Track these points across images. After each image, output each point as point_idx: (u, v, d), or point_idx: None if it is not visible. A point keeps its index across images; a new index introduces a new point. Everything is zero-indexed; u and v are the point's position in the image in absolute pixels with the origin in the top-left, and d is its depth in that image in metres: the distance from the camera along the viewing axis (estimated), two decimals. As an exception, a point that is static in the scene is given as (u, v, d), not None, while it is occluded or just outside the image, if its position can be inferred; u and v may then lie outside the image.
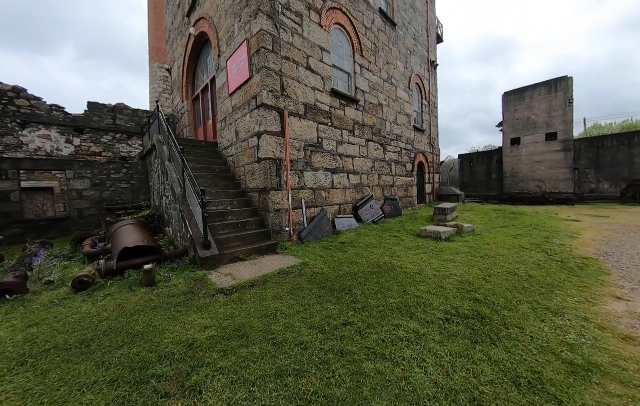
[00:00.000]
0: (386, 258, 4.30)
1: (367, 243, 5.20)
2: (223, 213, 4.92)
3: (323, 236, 5.80)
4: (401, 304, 2.70)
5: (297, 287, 3.25)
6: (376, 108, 8.38)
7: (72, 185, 7.64)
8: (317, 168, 6.14)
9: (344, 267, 3.91)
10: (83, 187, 7.82)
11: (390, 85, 9.15)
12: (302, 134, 5.76)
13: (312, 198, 6.01)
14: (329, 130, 6.49)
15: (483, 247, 4.69)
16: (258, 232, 4.87)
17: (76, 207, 7.55)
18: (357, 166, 7.45)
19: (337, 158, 6.74)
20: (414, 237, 5.76)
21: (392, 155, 9.21)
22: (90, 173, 7.94)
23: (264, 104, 5.01)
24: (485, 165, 17.65)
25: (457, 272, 3.55)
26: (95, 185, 7.99)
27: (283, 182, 5.33)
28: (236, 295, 3.09)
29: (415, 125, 10.92)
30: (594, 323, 2.29)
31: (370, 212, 7.39)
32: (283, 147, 5.33)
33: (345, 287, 3.20)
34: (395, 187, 9.37)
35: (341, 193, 6.85)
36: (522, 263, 3.87)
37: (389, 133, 9.05)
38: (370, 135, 8.08)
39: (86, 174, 7.85)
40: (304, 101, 5.83)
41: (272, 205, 5.12)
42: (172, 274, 3.77)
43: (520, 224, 6.69)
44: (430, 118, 12.47)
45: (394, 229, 6.51)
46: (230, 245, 4.41)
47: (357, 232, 6.11)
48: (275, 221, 5.18)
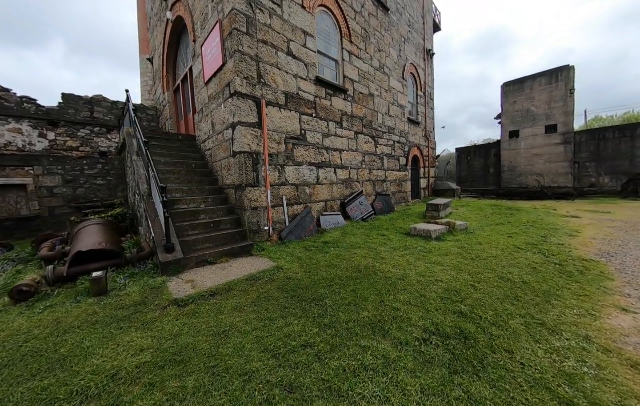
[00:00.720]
0: (369, 260, 3.94)
1: (351, 244, 4.84)
2: (194, 212, 4.54)
3: (306, 235, 5.44)
4: (375, 319, 2.35)
5: (263, 296, 2.89)
6: (367, 98, 7.93)
7: (41, 181, 7.20)
8: (300, 162, 5.74)
9: (321, 271, 3.55)
10: (54, 184, 7.38)
11: (382, 74, 8.68)
12: (282, 126, 5.34)
13: (295, 195, 5.62)
14: (314, 122, 6.06)
15: (475, 247, 4.33)
16: (232, 232, 4.49)
17: (47, 206, 7.13)
18: (345, 160, 7.05)
19: (323, 152, 6.33)
20: (403, 235, 5.39)
21: (384, 149, 8.80)
22: (62, 169, 7.50)
23: (238, 92, 4.58)
24: (483, 159, 17.24)
25: (443, 277, 3.20)
26: (67, 182, 7.55)
27: (261, 177, 4.94)
28: (191, 306, 2.73)
29: (409, 117, 10.47)
30: (597, 344, 1.93)
31: (359, 208, 7.02)
32: (260, 140, 4.91)
33: (316, 296, 2.84)
34: (387, 182, 8.98)
35: (328, 189, 6.46)
36: (517, 266, 3.51)
37: (381, 125, 8.62)
38: (360, 127, 7.65)
39: (57, 170, 7.41)
40: (285, 90, 5.39)
41: (248, 202, 4.73)
42: (129, 281, 3.40)
43: (516, 221, 6.34)
44: (426, 110, 12.01)
45: (383, 227, 6.15)
46: (198, 247, 4.04)
47: (343, 231, 5.74)
48: (253, 220, 4.80)
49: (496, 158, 16.57)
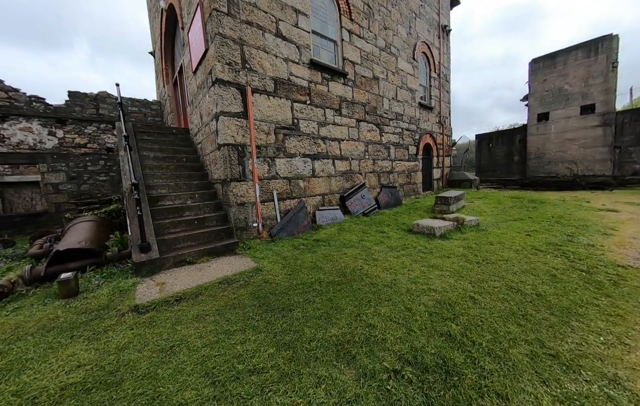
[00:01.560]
0: (359, 262, 3.55)
1: (345, 242, 4.45)
2: (179, 209, 4.37)
3: (299, 232, 5.12)
4: (344, 338, 1.99)
5: (230, 304, 2.63)
6: (370, 82, 7.32)
7: (47, 178, 7.48)
8: (293, 154, 5.37)
9: (302, 274, 3.23)
10: (59, 181, 7.64)
11: (388, 55, 7.97)
12: (271, 115, 4.98)
13: (287, 189, 5.29)
14: (308, 110, 5.63)
15: (484, 249, 3.78)
16: (218, 230, 4.28)
17: (53, 202, 7.43)
18: (345, 151, 6.57)
19: (319, 143, 5.90)
20: (404, 233, 4.90)
21: (390, 137, 8.16)
22: (66, 166, 7.73)
23: (219, 80, 4.27)
24: (507, 146, 15.80)
25: (439, 286, 2.74)
26: (71, 179, 7.79)
27: (248, 171, 4.65)
28: (151, 314, 2.52)
29: (421, 102, 9.66)
30: (630, 392, 1.44)
31: (360, 202, 6.56)
32: (246, 131, 4.60)
33: (288, 305, 2.53)
34: (394, 174, 8.38)
35: (325, 182, 6.06)
36: (532, 273, 2.96)
37: (387, 111, 7.97)
38: (363, 114, 7.09)
39: (61, 167, 7.65)
40: (274, 75, 5.00)
41: (234, 198, 4.48)
42: (104, 282, 3.29)
43: (539, 216, 5.57)
44: (440, 94, 11.05)
45: (384, 223, 5.67)
46: (179, 246, 3.86)
47: (340, 227, 5.36)
48: (239, 216, 4.55)
49: (522, 144, 15.10)
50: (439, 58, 10.89)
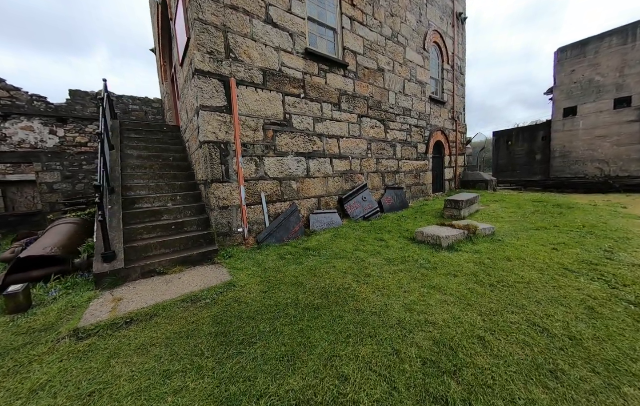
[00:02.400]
0: (348, 278, 3.04)
1: (337, 251, 3.95)
2: (157, 212, 4.03)
3: (290, 238, 4.67)
4: (304, 395, 1.51)
5: (184, 331, 2.21)
6: (374, 74, 6.73)
7: (41, 178, 7.46)
8: (285, 152, 4.92)
9: (279, 293, 2.77)
10: (53, 180, 7.61)
11: (395, 44, 7.33)
12: (260, 109, 4.54)
13: (278, 190, 4.85)
14: (302, 104, 5.15)
15: (499, 265, 3.16)
16: (197, 236, 3.90)
17: (47, 201, 7.41)
18: (345, 149, 6.04)
19: (315, 140, 5.41)
20: (407, 241, 4.33)
21: (397, 134, 7.53)
22: (60, 165, 7.68)
23: (198, 71, 3.87)
24: (528, 144, 14.62)
25: (439, 317, 2.20)
26: (66, 178, 7.74)
27: (232, 171, 4.24)
28: (91, 340, 2.15)
29: (432, 96, 8.93)
30: None
31: (360, 205, 6.02)
32: (230, 127, 4.19)
33: (250, 336, 2.08)
34: (401, 174, 7.75)
35: (321, 183, 5.57)
36: (561, 302, 2.35)
37: (393, 106, 7.35)
38: (365, 109, 6.52)
39: (56, 166, 7.62)
40: (263, 66, 4.55)
41: (215, 201, 4.09)
42: (62, 294, 2.98)
43: (566, 224, 4.82)
44: (454, 87, 10.23)
45: (385, 229, 5.11)
46: (150, 254, 3.51)
47: (335, 233, 4.86)
48: (222, 221, 4.15)
49: (545, 142, 13.90)
50: (453, 48, 10.06)
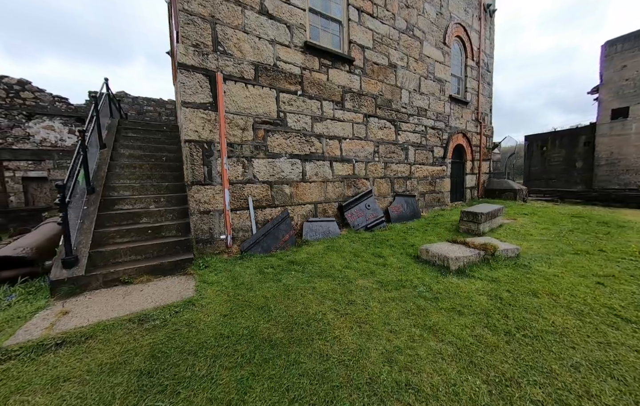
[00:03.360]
0: (325, 305, 2.53)
1: (324, 268, 3.44)
2: (136, 215, 3.80)
3: (278, 247, 4.24)
4: None
5: (110, 365, 1.83)
6: (385, 71, 6.14)
7: (52, 175, 7.77)
8: (277, 154, 4.51)
9: (241, 319, 2.34)
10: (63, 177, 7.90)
11: (411, 38, 6.68)
12: (250, 107, 4.18)
13: (268, 195, 4.45)
14: (300, 102, 4.72)
15: (522, 302, 2.46)
16: (175, 242, 3.61)
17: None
18: (348, 151, 5.51)
19: (313, 141, 4.95)
20: (409, 259, 3.70)
21: (410, 137, 6.84)
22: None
23: (181, 64, 3.60)
24: (566, 150, 12.99)
25: (427, 380, 1.62)
26: None
27: (216, 173, 3.91)
28: (6, 366, 1.84)
29: (452, 95, 8.10)
30: None
31: (363, 214, 5.44)
32: (215, 125, 3.86)
33: (178, 381, 1.66)
34: (413, 180, 7.02)
35: (319, 188, 5.08)
36: (612, 371, 1.65)
37: (406, 105, 6.68)
38: (373, 108, 5.95)
39: (67, 164, 7.91)
40: (255, 60, 4.20)
41: (195, 205, 3.77)
42: (17, 301, 2.78)
43: (616, 249, 3.88)
44: (479, 87, 9.26)
45: (387, 242, 4.49)
46: (119, 261, 3.25)
47: (329, 245, 4.34)
48: (202, 227, 3.83)
49: (587, 148, 12.24)
50: (479, 43, 9.12)
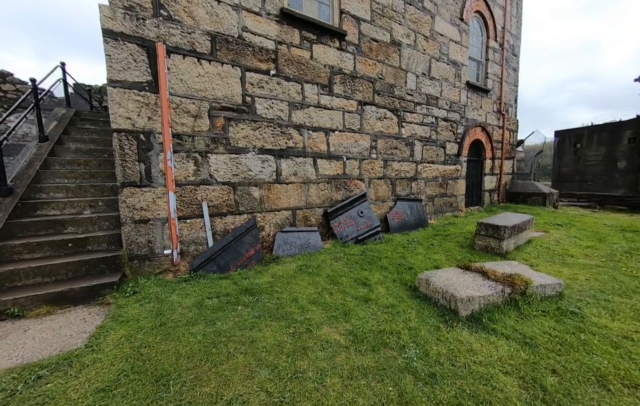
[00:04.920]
0: (254, 383, 1.63)
1: (284, 302, 2.53)
2: (60, 223, 3.06)
3: (239, 265, 3.38)
4: None
5: None
6: (386, 49, 5.09)
7: None
8: (243, 148, 3.64)
9: (122, 399, 1.49)
10: None
11: (420, 11, 5.57)
12: (205, 88, 3.32)
13: (230, 199, 3.59)
14: (273, 84, 3.81)
15: (581, 393, 1.43)
16: (99, 259, 2.84)
17: None
18: (337, 146, 4.55)
19: (291, 133, 4.03)
20: (404, 290, 2.71)
21: (416, 129, 5.76)
22: None
23: (106, 31, 2.78)
24: (606, 147, 11.26)
25: None
26: None
27: (157, 172, 3.10)
28: None
29: (470, 82, 6.88)
30: None
31: (354, 222, 4.47)
32: (155, 111, 3.04)
33: None
34: (420, 181, 5.94)
35: (298, 191, 4.17)
36: None
37: (412, 92, 5.60)
38: (370, 94, 4.93)
39: None
40: (212, 29, 3.33)
41: (129, 212, 2.97)
42: None
43: None
44: (502, 72, 7.94)
45: (378, 263, 3.51)
46: (17, 285, 2.50)
47: (304, 263, 3.42)
48: (139, 240, 3.03)
49: (633, 145, 10.50)
50: (503, 21, 7.79)
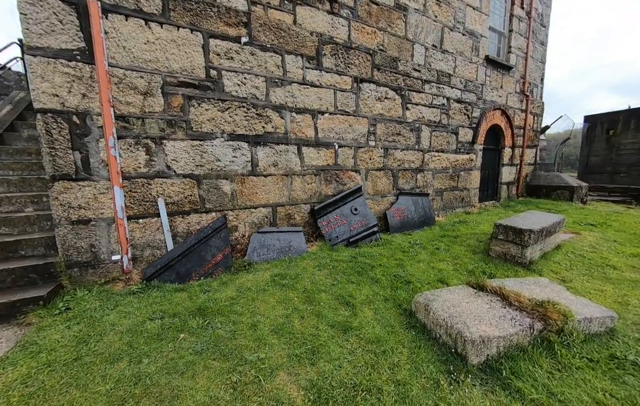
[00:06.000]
0: None
1: (237, 331, 1.98)
2: (-8, 221, 2.61)
3: (202, 273, 2.86)
4: None
5: None
6: (389, 15, 4.28)
7: None
8: (208, 133, 3.04)
9: None
10: None
11: (430, -32, 4.66)
12: (156, 58, 2.71)
13: (194, 195, 3.04)
14: (244, 54, 3.15)
15: None
16: (31, 266, 2.38)
17: None
18: (326, 131, 3.88)
19: (269, 115, 3.39)
20: (396, 318, 2.10)
21: (423, 112, 4.97)
22: None
23: (16, -20, 2.19)
24: (646, 133, 9.94)
25: None
26: None
27: (98, 162, 2.56)
28: None
29: (490, 56, 5.93)
30: None
31: (347, 221, 3.85)
32: (92, 86, 2.47)
33: None
34: (427, 172, 5.20)
35: (280, 184, 3.56)
36: None
37: (419, 67, 4.78)
38: (369, 69, 4.18)
39: None
40: (163, -17, 2.68)
41: (63, 211, 2.47)
42: None
43: None
44: (528, 46, 6.87)
45: (370, 272, 2.89)
46: None
47: (280, 272, 2.86)
48: (79, 244, 2.54)
49: (679, 130, 9.18)
50: (533, -16, 6.66)
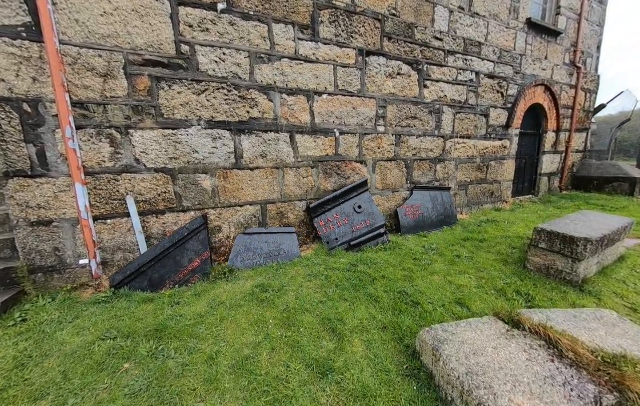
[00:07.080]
0: None
1: (189, 364, 1.60)
2: (-39, 219, 2.46)
3: (177, 280, 2.54)
4: None
5: None
6: (403, -30, 3.53)
7: None
8: (182, 120, 2.64)
9: None
10: None
11: None
12: (116, 32, 2.33)
13: (168, 192, 2.69)
14: (222, 24, 2.67)
15: None
16: (-7, 269, 2.18)
17: None
18: (325, 115, 3.32)
19: (255, 97, 2.91)
20: (393, 360, 1.59)
21: (445, 90, 4.18)
22: None
23: (-57, -58, 1.86)
24: None
25: None
26: None
27: (56, 155, 2.27)
28: None
29: (532, 19, 4.89)
30: None
31: (348, 220, 3.32)
32: (42, 68, 2.15)
33: None
34: (448, 163, 4.45)
35: (270, 178, 3.11)
36: None
37: (441, 35, 3.98)
38: (377, 39, 3.50)
39: None
40: (119, -61, 2.25)
41: (21, 211, 2.23)
42: None
43: None
44: (583, 5, 5.62)
45: (369, 287, 2.38)
46: None
47: (263, 283, 2.45)
48: (41, 247, 2.31)
49: None
50: None
